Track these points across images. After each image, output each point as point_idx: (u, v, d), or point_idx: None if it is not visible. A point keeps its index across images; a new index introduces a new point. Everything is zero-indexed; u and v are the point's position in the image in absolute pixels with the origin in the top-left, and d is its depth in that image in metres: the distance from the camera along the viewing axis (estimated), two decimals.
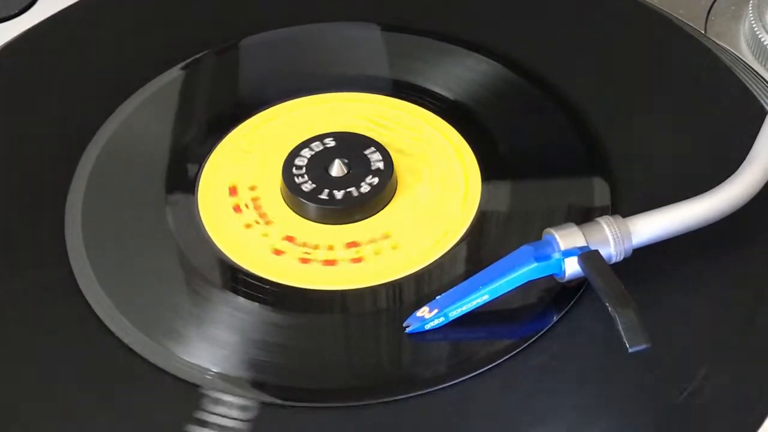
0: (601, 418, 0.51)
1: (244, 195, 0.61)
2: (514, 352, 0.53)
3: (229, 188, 0.61)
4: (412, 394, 0.52)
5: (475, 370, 0.53)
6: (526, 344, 0.53)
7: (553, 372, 0.53)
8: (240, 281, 0.57)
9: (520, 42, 0.68)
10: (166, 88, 0.67)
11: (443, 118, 0.65)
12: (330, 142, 0.62)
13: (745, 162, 0.56)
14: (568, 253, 0.53)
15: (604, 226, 0.54)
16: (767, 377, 0.52)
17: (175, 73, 0.67)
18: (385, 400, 0.52)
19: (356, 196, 0.59)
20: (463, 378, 0.52)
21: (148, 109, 0.65)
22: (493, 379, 0.53)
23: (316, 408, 0.52)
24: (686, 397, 0.51)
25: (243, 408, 0.52)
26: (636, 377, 0.52)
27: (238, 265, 0.58)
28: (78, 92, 0.67)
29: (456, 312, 0.54)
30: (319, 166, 0.61)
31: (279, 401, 0.52)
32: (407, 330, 0.54)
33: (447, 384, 0.52)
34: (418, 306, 0.54)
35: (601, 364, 0.53)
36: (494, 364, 0.53)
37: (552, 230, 0.54)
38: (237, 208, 0.60)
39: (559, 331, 0.54)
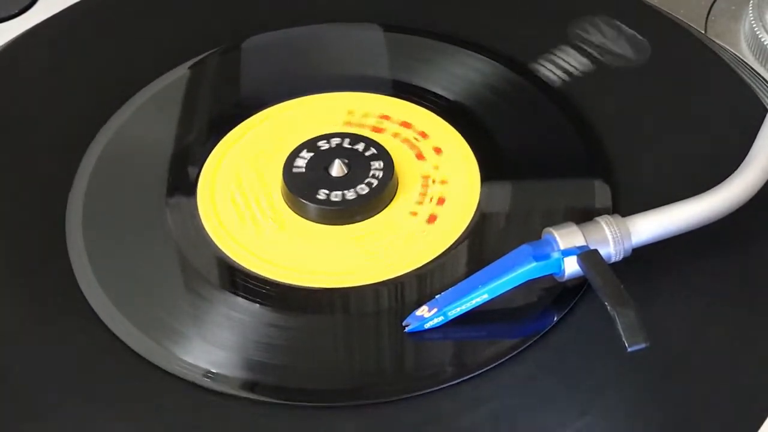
0: (601, 418, 0.51)
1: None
2: (515, 353, 0.53)
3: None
4: (412, 394, 0.52)
5: (475, 371, 0.53)
6: (527, 345, 0.53)
7: (553, 372, 0.53)
8: (240, 281, 0.57)
9: (520, 42, 0.68)
10: (166, 89, 0.67)
11: (443, 118, 0.65)
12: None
13: (744, 162, 0.56)
14: (567, 253, 0.53)
15: (604, 225, 0.54)
16: (767, 377, 0.52)
17: (175, 75, 0.68)
18: (385, 400, 0.52)
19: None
20: (463, 378, 0.52)
21: (148, 110, 0.65)
22: (493, 379, 0.53)
23: (316, 408, 0.52)
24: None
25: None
26: (636, 377, 0.52)
27: (238, 266, 0.58)
28: (78, 93, 0.67)
29: (455, 311, 0.54)
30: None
31: (278, 401, 0.52)
32: (406, 329, 0.54)
33: (447, 384, 0.52)
34: (418, 306, 0.54)
35: (600, 364, 0.53)
36: (494, 364, 0.53)
37: (551, 229, 0.54)
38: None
39: (560, 331, 0.54)
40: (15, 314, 0.56)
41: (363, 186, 0.60)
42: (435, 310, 0.54)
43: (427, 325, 0.54)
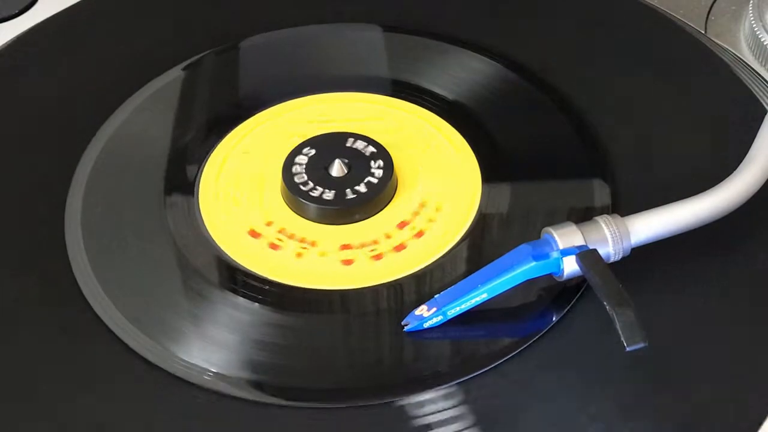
0: (600, 418, 0.51)
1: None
2: (514, 353, 0.53)
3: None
4: (410, 395, 0.52)
5: (474, 370, 0.53)
6: (526, 345, 0.53)
7: (553, 372, 0.53)
8: (240, 281, 0.57)
9: (520, 42, 0.68)
10: (166, 89, 0.67)
11: (443, 118, 0.65)
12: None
13: (744, 161, 0.56)
14: (566, 252, 0.53)
15: (603, 225, 0.54)
16: (767, 377, 0.52)
17: (175, 74, 0.68)
18: (384, 400, 0.52)
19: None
20: (463, 378, 0.52)
21: (148, 110, 0.66)
22: (492, 379, 0.52)
23: (315, 408, 0.52)
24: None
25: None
26: (635, 377, 0.52)
27: (238, 265, 0.58)
28: (78, 92, 0.67)
29: (454, 311, 0.54)
30: (319, 166, 0.61)
31: (278, 401, 0.52)
32: (405, 328, 0.54)
33: (446, 384, 0.52)
34: (418, 306, 0.54)
35: (600, 364, 0.53)
36: (494, 364, 0.53)
37: (550, 229, 0.54)
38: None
39: (559, 331, 0.54)
40: (14, 313, 0.56)
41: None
42: (434, 309, 0.54)
43: (426, 325, 0.54)
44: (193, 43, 0.69)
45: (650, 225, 0.54)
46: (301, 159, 0.61)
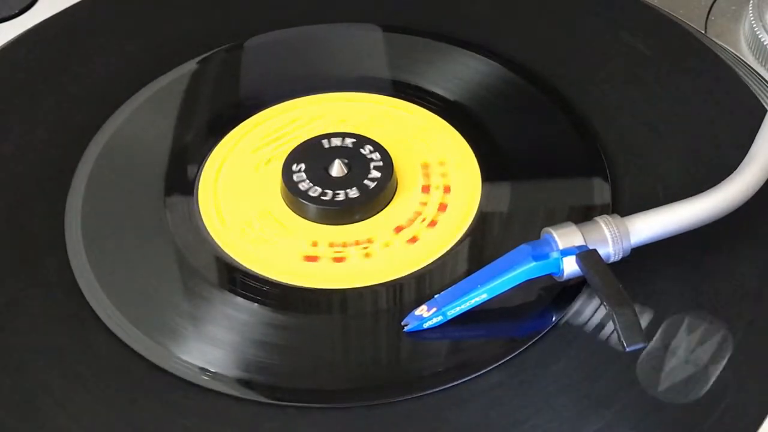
0: (601, 419, 0.51)
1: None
2: (514, 353, 0.53)
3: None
4: (410, 395, 0.52)
5: (474, 371, 0.53)
6: (526, 345, 0.53)
7: (553, 372, 0.53)
8: (239, 281, 0.57)
9: (520, 42, 0.68)
10: (166, 89, 0.67)
11: (443, 118, 0.65)
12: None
13: (743, 161, 0.57)
14: (566, 252, 0.53)
15: (603, 225, 0.54)
16: (767, 377, 0.52)
17: (175, 74, 0.68)
18: (385, 400, 0.52)
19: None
20: (462, 379, 0.52)
21: (148, 110, 0.65)
22: (492, 380, 0.52)
23: (315, 408, 0.52)
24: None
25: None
26: (635, 377, 0.52)
27: (238, 265, 0.58)
28: (78, 92, 0.67)
29: (454, 311, 0.54)
30: (319, 166, 0.61)
31: (277, 402, 0.52)
32: (405, 329, 0.54)
33: (446, 385, 0.52)
34: (417, 306, 0.54)
35: (599, 365, 0.53)
36: (494, 365, 0.53)
37: (550, 229, 0.54)
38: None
39: (559, 331, 0.54)
40: (14, 313, 0.56)
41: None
42: (434, 309, 0.54)
43: (426, 325, 0.54)
44: (192, 44, 0.69)
45: (650, 225, 0.54)
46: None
